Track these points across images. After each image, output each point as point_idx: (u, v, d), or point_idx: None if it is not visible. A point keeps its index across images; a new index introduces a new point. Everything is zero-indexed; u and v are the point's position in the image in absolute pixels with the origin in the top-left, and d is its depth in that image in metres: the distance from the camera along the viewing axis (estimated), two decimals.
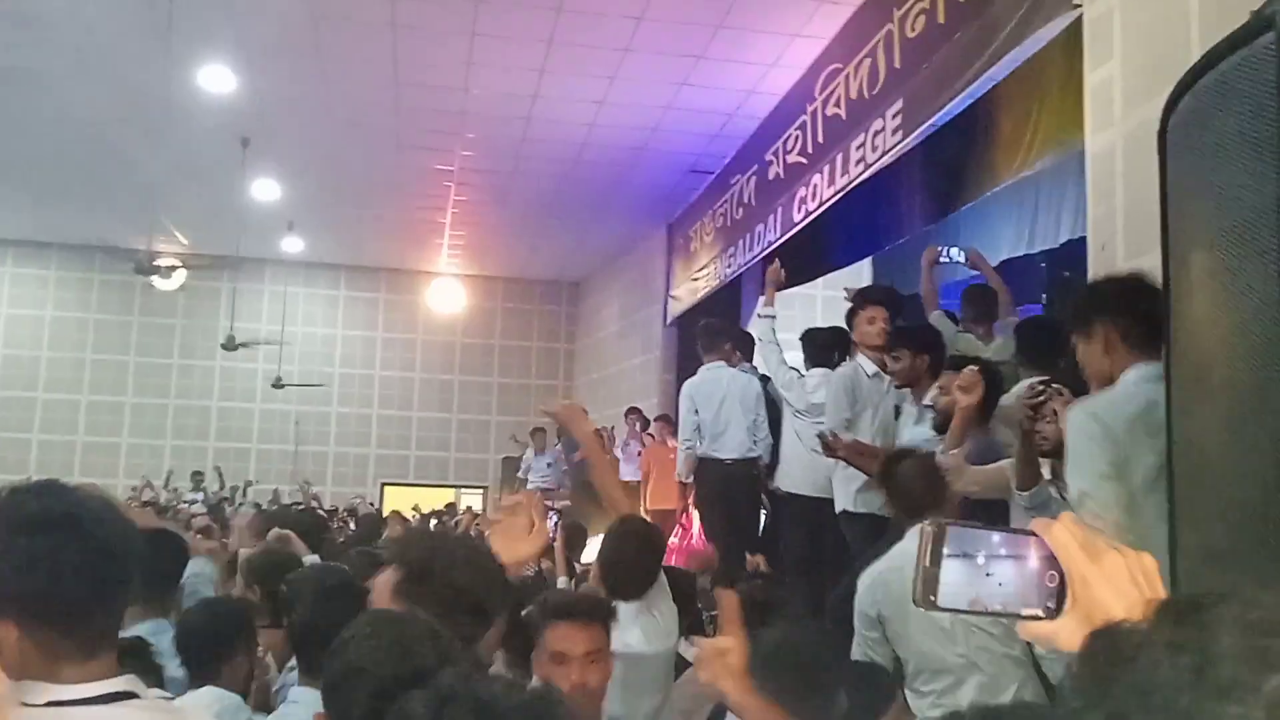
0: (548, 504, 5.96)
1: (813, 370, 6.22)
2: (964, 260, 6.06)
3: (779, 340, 6.33)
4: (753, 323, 8.24)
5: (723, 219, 10.69)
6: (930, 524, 0.91)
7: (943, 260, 5.92)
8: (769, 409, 6.64)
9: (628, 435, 11.80)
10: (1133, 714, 0.59)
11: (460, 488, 17.99)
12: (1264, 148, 1.75)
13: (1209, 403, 1.98)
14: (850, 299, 5.60)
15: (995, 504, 3.77)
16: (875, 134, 6.72)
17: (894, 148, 6.48)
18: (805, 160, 8.16)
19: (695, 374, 7.00)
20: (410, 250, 16.68)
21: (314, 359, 17.88)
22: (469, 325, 18.41)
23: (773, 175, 9.01)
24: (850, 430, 5.23)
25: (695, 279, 11.69)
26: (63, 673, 1.41)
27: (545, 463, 12.90)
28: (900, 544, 3.44)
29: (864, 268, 10.14)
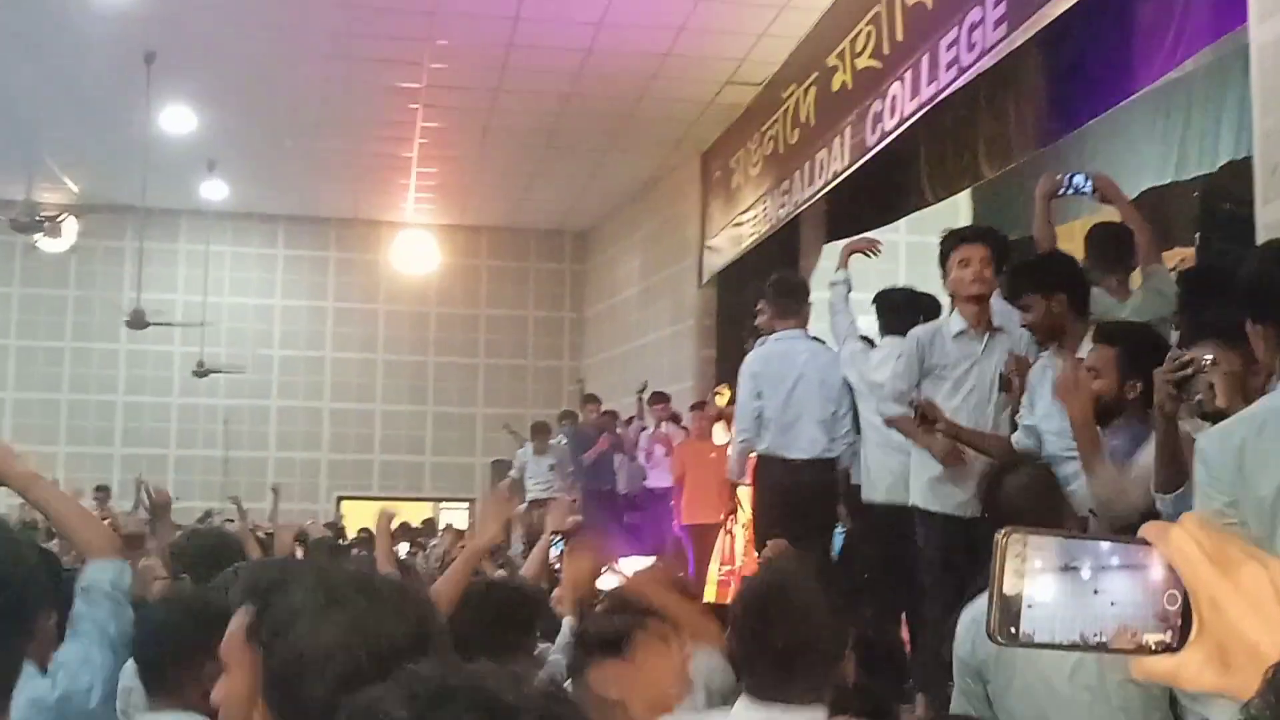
0: (555, 531, 6.00)
1: (885, 340, 6.20)
2: (1091, 191, 5.99)
3: (851, 307, 6.39)
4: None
5: (772, 145, 10.65)
6: (1003, 533, 0.89)
7: (1063, 192, 5.85)
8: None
9: (652, 432, 11.81)
10: None
11: (439, 501, 18.11)
12: None
13: None
14: (941, 241, 5.54)
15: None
16: (972, 27, 6.67)
17: (996, 45, 6.44)
18: (880, 64, 8.13)
19: (764, 344, 6.86)
20: (367, 195, 16.70)
21: (246, 338, 17.98)
22: (446, 291, 18.47)
23: (838, 85, 8.96)
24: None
25: (738, 224, 11.66)
26: None
27: (547, 465, 12.94)
28: None
29: (960, 204, 10.12)
